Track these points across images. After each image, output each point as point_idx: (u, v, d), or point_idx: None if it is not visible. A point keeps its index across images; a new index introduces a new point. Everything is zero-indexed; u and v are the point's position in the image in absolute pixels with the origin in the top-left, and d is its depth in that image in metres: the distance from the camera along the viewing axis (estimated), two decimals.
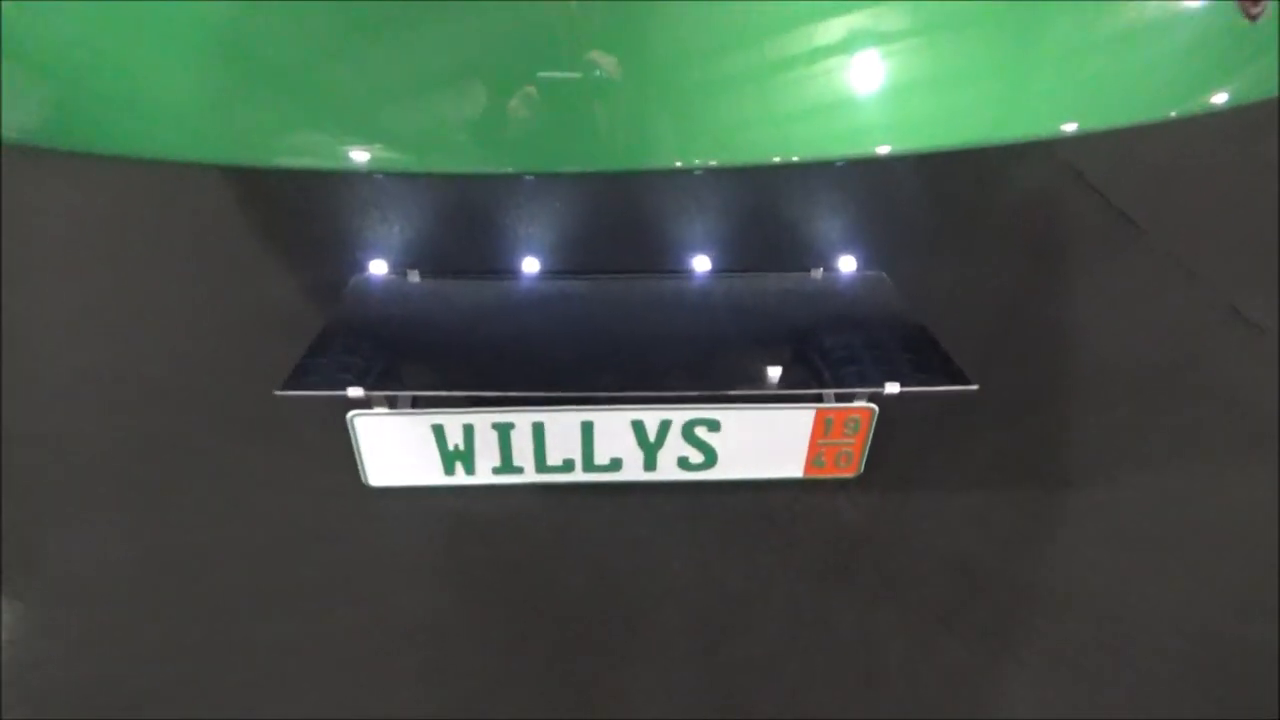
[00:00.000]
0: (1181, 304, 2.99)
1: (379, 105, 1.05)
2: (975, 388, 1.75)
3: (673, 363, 1.96)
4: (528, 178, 1.38)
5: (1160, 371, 2.70)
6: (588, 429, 1.80)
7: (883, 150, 1.05)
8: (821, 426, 1.84)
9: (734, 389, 1.86)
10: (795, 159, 1.05)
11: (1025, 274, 3.13)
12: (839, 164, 1.20)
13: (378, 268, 2.38)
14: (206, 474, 2.25)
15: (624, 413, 1.77)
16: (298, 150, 1.07)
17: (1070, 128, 1.06)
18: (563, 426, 1.80)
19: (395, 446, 1.83)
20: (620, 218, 2.77)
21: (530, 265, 2.36)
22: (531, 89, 1.00)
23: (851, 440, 1.88)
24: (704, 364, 2.02)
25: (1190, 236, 3.27)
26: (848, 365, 1.88)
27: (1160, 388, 2.65)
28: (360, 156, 1.06)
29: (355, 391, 1.72)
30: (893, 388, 1.80)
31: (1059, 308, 2.94)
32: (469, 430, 1.82)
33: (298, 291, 2.94)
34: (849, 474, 1.95)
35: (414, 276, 2.37)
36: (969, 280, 3.02)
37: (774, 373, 2.04)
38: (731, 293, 2.36)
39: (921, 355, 1.91)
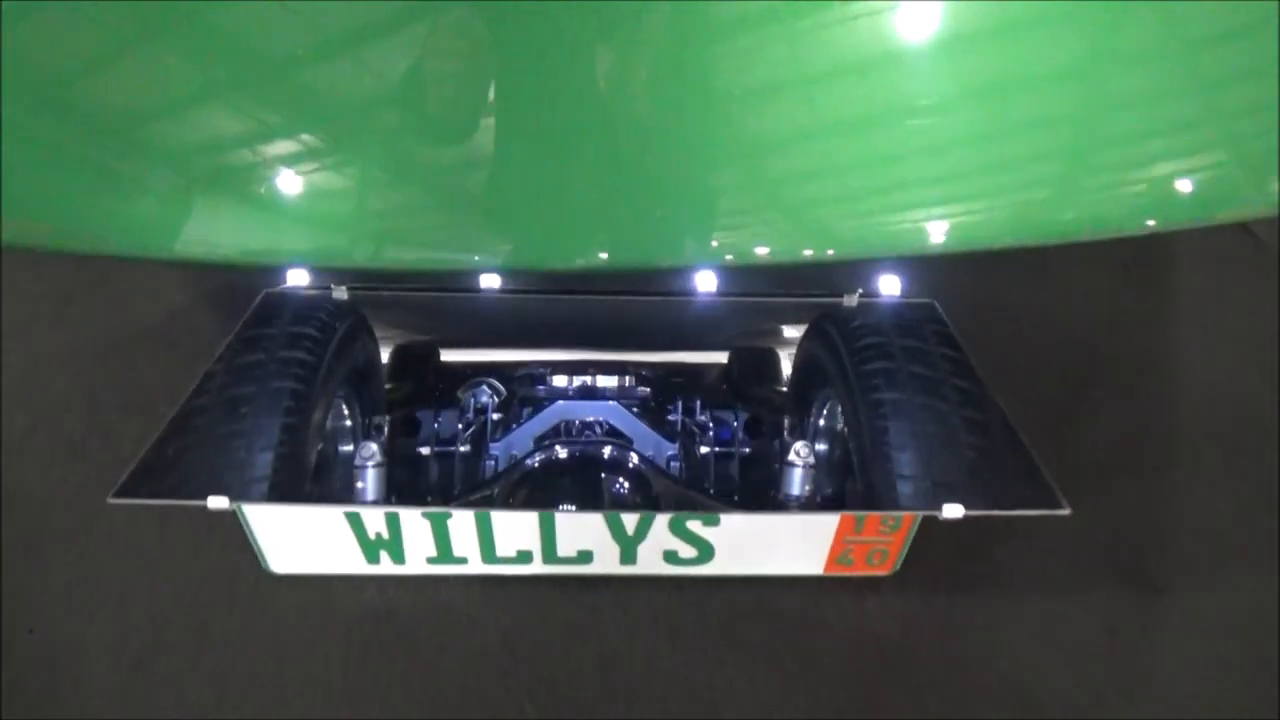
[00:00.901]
0: None
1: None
2: (1066, 512, 1.38)
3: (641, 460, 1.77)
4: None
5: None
6: (548, 523, 1.54)
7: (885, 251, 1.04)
8: (850, 524, 1.53)
9: (727, 509, 1.70)
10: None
11: (1115, 295, 2.77)
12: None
13: (297, 279, 1.97)
14: (70, 550, 1.99)
15: (590, 516, 1.54)
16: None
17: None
18: (513, 522, 1.55)
19: (301, 533, 1.55)
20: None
21: (492, 278, 1.97)
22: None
23: (889, 538, 1.57)
24: (687, 471, 1.84)
25: None
26: (888, 466, 1.50)
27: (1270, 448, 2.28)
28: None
29: (218, 502, 1.35)
30: (953, 510, 1.40)
31: (1153, 341, 2.60)
32: (393, 520, 1.52)
33: (196, 308, 2.62)
34: (883, 572, 1.65)
35: (340, 293, 1.94)
36: (1043, 308, 2.67)
37: (793, 477, 1.74)
38: (731, 323, 2.09)
39: (991, 449, 1.51)
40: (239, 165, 1.01)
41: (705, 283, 2.00)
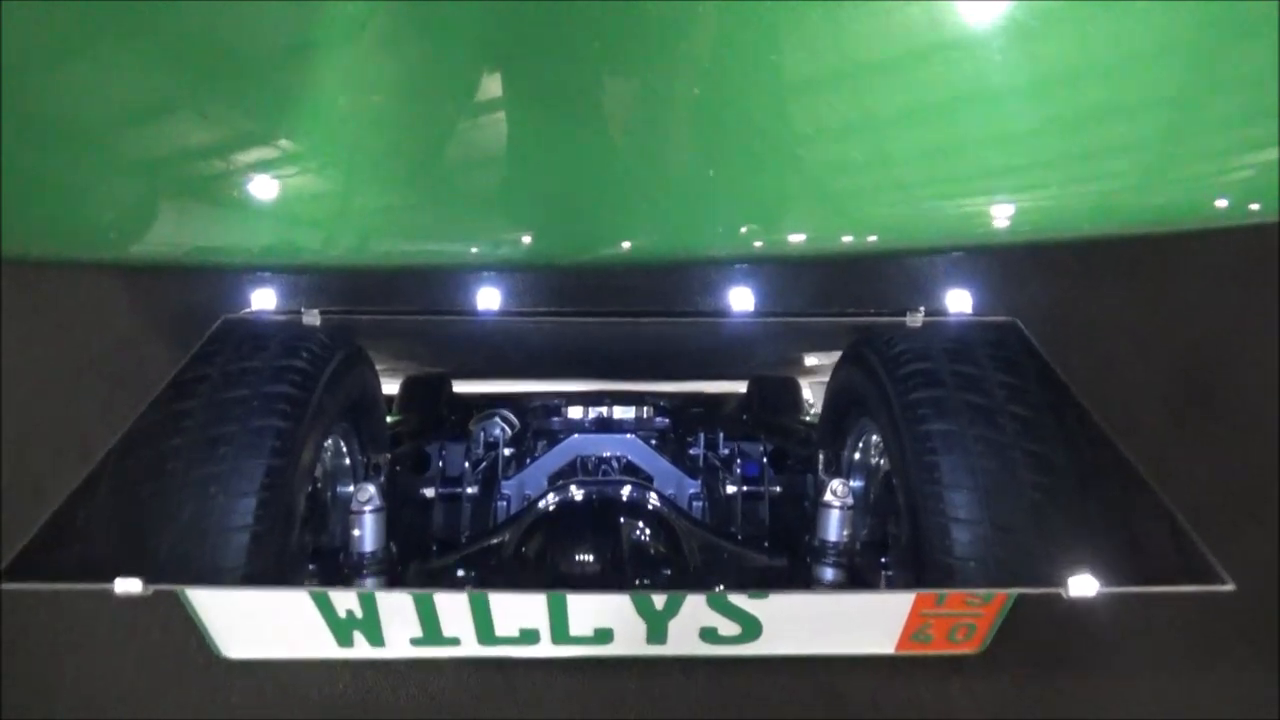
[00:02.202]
0: None
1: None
2: (1230, 587, 1.17)
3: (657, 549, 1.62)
4: None
5: None
6: (558, 605, 1.38)
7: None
8: (930, 598, 1.37)
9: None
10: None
11: (1219, 310, 2.56)
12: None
13: (263, 301, 1.79)
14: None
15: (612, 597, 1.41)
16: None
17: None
18: (515, 603, 1.40)
19: (257, 614, 1.40)
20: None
21: (492, 298, 1.80)
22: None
23: (978, 611, 1.36)
24: (711, 560, 1.66)
25: None
26: (940, 507, 1.34)
27: None
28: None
29: (129, 585, 1.16)
30: (1083, 586, 1.17)
31: (1267, 360, 2.37)
32: (368, 601, 1.37)
33: (148, 337, 2.41)
34: (968, 650, 1.47)
35: (311, 318, 1.74)
36: (1138, 325, 2.46)
37: (830, 521, 1.56)
38: (765, 347, 2.03)
39: (1121, 503, 1.34)
40: (208, 161, 1.01)
41: (741, 301, 1.85)
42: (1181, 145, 1.00)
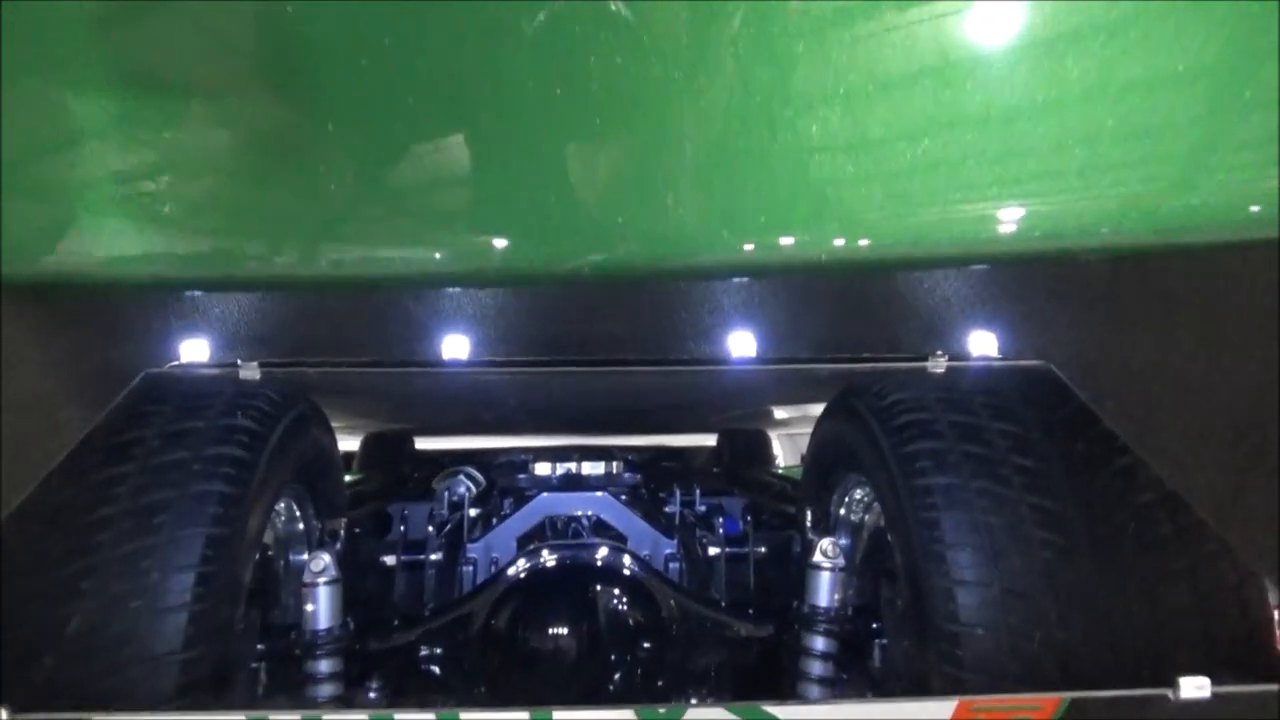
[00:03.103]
0: None
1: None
2: None
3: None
4: None
5: None
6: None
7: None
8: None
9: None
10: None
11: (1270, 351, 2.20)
12: None
13: (193, 353, 1.62)
14: None
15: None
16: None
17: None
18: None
19: None
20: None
21: (456, 346, 1.73)
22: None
23: (1037, 703, 1.09)
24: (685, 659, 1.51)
25: None
26: (943, 569, 1.20)
27: None
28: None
29: None
30: (1194, 687, 0.97)
31: None
32: None
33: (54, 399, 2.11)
34: None
35: (250, 371, 1.57)
36: (1183, 370, 2.17)
37: (820, 584, 1.47)
38: (750, 397, 1.95)
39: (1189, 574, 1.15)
40: (138, 178, 0.94)
41: (742, 346, 1.70)
42: (1211, 153, 0.93)
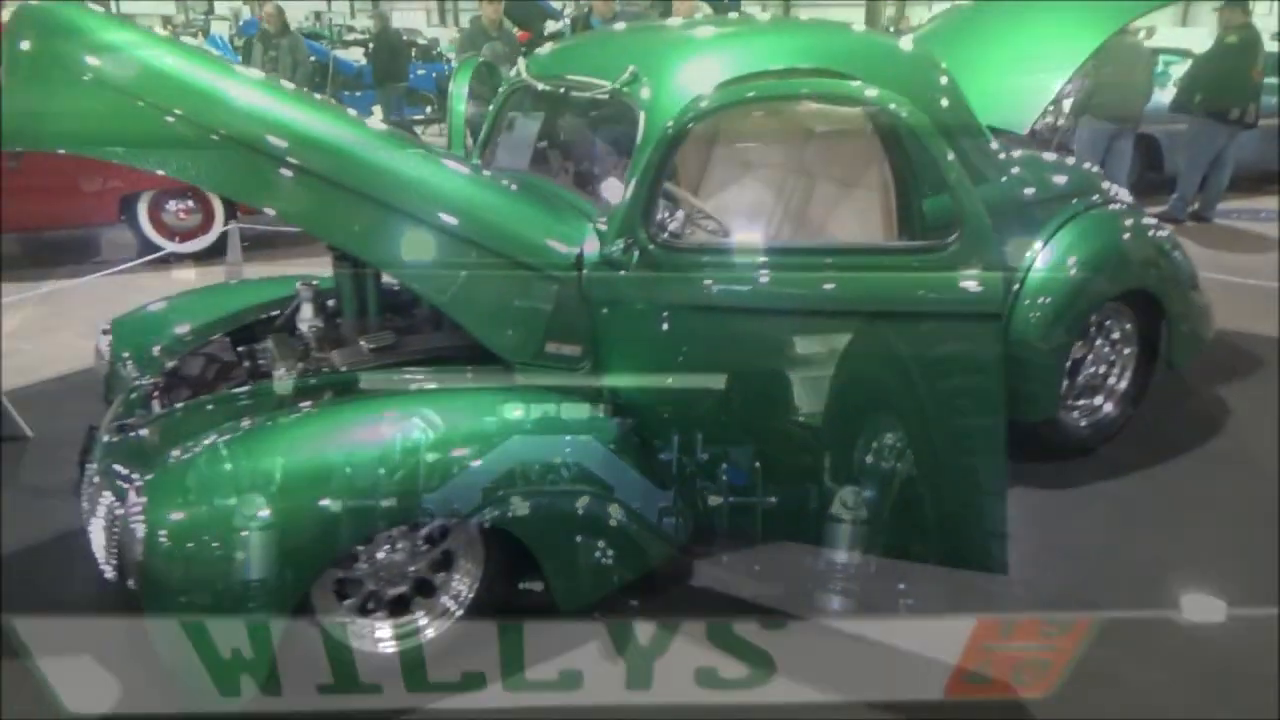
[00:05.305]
0: None
1: None
2: None
3: None
4: None
5: None
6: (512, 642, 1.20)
7: None
8: (994, 628, 1.14)
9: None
10: None
11: None
12: None
13: None
14: None
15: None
16: None
17: None
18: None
19: None
20: None
21: None
22: None
23: (1051, 644, 1.12)
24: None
25: None
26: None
27: None
28: None
29: None
30: (1208, 609, 0.93)
31: None
32: None
33: None
34: (1034, 694, 1.18)
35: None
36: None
37: None
38: None
39: None
40: None
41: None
42: None
